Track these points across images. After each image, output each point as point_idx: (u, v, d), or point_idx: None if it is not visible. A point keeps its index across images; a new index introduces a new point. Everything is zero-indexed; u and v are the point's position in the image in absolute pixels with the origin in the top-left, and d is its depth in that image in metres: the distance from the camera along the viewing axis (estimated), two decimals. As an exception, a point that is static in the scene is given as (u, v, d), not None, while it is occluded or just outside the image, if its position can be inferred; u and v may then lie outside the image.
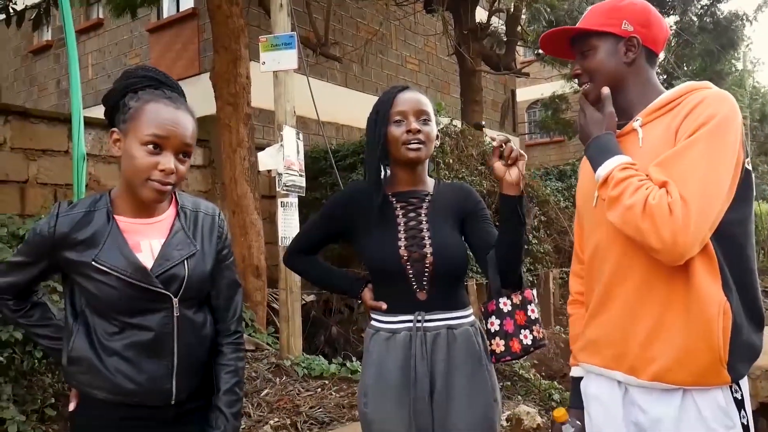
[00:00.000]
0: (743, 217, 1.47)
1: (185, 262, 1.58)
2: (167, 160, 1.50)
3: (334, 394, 4.26)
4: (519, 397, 4.74)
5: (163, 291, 1.54)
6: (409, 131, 1.86)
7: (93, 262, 1.50)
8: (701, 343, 1.41)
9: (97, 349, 1.53)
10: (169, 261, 1.56)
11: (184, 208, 1.67)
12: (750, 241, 1.50)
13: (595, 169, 1.52)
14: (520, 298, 1.82)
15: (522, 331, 1.78)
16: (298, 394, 4.24)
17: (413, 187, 1.94)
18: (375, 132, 1.90)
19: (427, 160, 1.96)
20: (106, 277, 1.50)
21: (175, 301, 1.56)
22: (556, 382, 5.11)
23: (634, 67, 1.60)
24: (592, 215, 1.64)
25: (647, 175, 1.44)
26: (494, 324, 1.79)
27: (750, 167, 1.49)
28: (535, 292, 1.85)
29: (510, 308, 1.80)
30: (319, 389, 4.33)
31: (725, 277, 1.43)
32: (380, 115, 1.90)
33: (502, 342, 1.78)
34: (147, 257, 1.56)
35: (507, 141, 1.75)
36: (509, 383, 4.88)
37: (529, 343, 1.78)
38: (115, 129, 1.56)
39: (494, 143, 1.75)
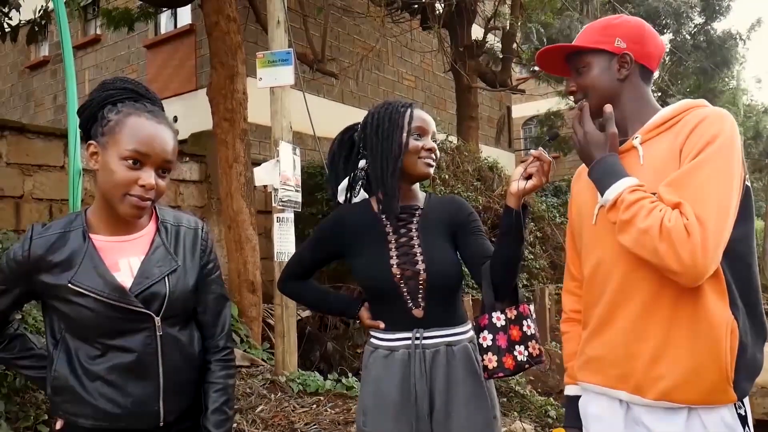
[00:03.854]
0: (746, 234, 1.47)
1: (166, 278, 1.54)
2: (148, 176, 1.46)
3: (329, 410, 4.23)
4: (515, 413, 4.72)
5: (143, 310, 1.49)
6: (429, 149, 1.89)
7: (69, 284, 1.45)
8: (709, 362, 1.41)
9: (78, 375, 1.48)
10: (149, 279, 1.52)
11: (165, 223, 1.62)
12: (754, 257, 1.51)
13: (601, 192, 1.51)
14: (516, 313, 1.77)
15: (517, 346, 1.74)
16: (293, 410, 4.21)
17: (404, 202, 1.92)
18: (390, 141, 1.87)
19: None
20: (83, 299, 1.45)
21: (157, 319, 1.51)
22: (552, 399, 5.09)
23: (628, 83, 1.61)
24: (592, 232, 1.62)
25: (656, 194, 1.43)
26: (486, 339, 1.75)
27: (749, 184, 1.50)
28: (532, 307, 1.81)
29: (504, 323, 1.75)
30: (315, 405, 4.31)
31: (733, 295, 1.43)
32: (394, 125, 1.88)
33: (495, 357, 1.73)
34: (126, 276, 1.51)
35: (545, 161, 1.69)
36: (505, 400, 4.86)
37: (524, 359, 1.73)
38: (92, 141, 1.50)
39: (533, 152, 1.72)
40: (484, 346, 1.76)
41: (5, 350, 1.64)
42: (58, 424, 1.57)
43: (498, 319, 1.76)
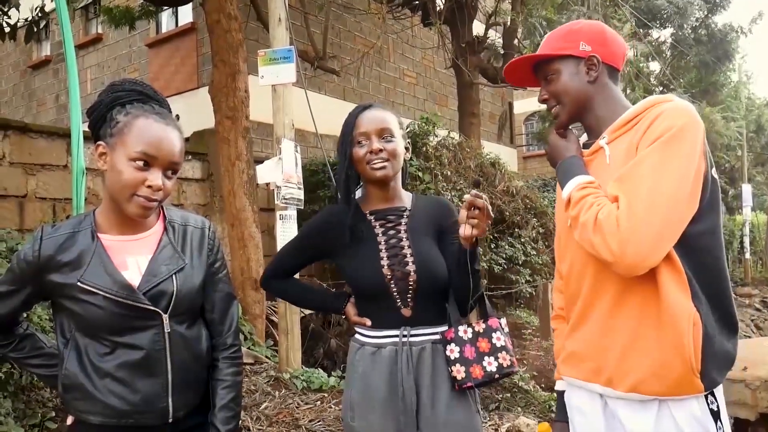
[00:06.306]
0: (713, 227, 1.49)
1: (173, 277, 1.56)
2: (155, 177, 1.49)
3: (333, 407, 4.24)
4: (519, 408, 4.73)
5: (151, 307, 1.52)
6: (371, 152, 1.86)
7: (79, 283, 1.48)
8: (674, 354, 1.43)
9: (88, 372, 1.51)
10: (157, 277, 1.54)
11: (173, 223, 1.65)
12: (722, 249, 1.52)
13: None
14: (484, 327, 1.84)
15: (486, 358, 1.80)
16: (297, 407, 4.23)
17: (390, 203, 1.95)
18: (343, 154, 1.92)
19: (399, 175, 1.96)
20: (92, 297, 1.48)
21: (165, 317, 1.54)
22: (555, 394, 5.10)
23: (598, 85, 1.63)
24: (568, 233, 1.67)
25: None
26: (453, 351, 1.81)
27: (716, 176, 1.51)
28: (503, 321, 1.87)
29: (471, 336, 1.82)
30: (319, 402, 4.32)
31: (694, 288, 1.45)
32: (345, 137, 1.91)
33: (463, 368, 1.79)
34: (134, 274, 1.54)
35: (479, 206, 1.70)
36: (509, 395, 4.87)
37: (494, 369, 1.79)
38: (101, 142, 1.52)
39: (466, 197, 1.73)
40: (452, 358, 1.81)
41: (16, 350, 1.67)
42: (69, 420, 1.60)
43: (465, 332, 1.82)
